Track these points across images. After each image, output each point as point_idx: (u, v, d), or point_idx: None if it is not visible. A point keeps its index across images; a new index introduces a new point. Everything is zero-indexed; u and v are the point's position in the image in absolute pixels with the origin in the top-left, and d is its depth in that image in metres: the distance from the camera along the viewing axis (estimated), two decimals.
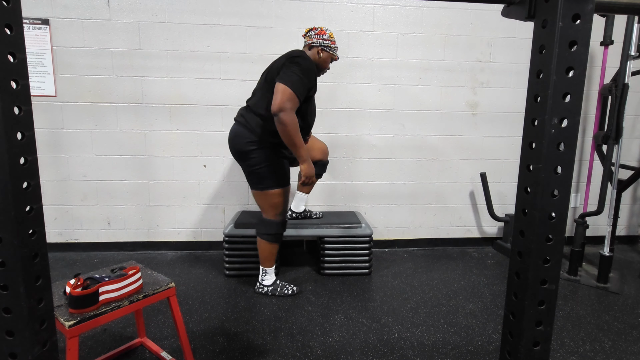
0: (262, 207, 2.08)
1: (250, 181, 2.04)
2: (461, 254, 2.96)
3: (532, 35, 0.65)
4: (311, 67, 1.89)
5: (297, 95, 1.81)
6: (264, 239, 2.11)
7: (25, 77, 0.57)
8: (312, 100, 2.05)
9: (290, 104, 1.80)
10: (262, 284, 2.21)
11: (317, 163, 2.34)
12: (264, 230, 2.10)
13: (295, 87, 1.80)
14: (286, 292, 2.19)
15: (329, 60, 2.08)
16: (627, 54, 2.23)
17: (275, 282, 2.22)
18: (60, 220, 2.80)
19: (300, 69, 1.83)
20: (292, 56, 1.88)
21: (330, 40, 2.04)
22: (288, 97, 1.79)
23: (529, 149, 0.65)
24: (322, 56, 2.05)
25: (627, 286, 2.39)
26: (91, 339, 1.74)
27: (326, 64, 2.08)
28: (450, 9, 2.80)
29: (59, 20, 2.56)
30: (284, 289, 2.20)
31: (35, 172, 0.60)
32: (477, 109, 2.95)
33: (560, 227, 0.63)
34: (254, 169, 1.98)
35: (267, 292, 2.20)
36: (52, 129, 2.67)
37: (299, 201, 2.51)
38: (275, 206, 2.06)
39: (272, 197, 2.03)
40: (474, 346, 1.74)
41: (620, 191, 2.48)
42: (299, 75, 1.82)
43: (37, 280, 0.60)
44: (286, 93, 1.79)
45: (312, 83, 1.91)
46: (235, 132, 1.99)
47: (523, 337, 0.66)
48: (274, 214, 2.08)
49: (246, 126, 1.96)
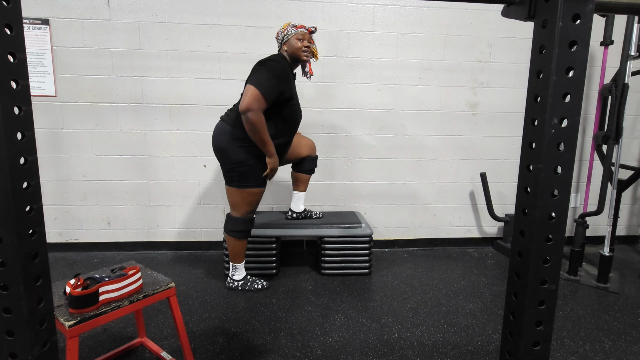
0: (234, 204, 2.11)
1: (229, 178, 2.07)
2: (461, 254, 2.96)
3: (532, 35, 0.65)
4: (280, 68, 1.93)
5: (264, 95, 1.87)
6: (233, 236, 2.15)
7: (25, 77, 0.57)
8: (294, 103, 2.07)
9: (257, 104, 1.86)
10: (233, 279, 2.26)
11: (306, 159, 2.38)
12: (232, 227, 2.13)
13: (261, 88, 1.86)
14: (256, 287, 2.25)
15: (297, 46, 2.04)
16: (627, 54, 2.23)
17: (246, 277, 2.28)
18: (60, 220, 2.80)
19: (267, 70, 1.90)
20: (263, 59, 1.96)
21: (282, 32, 2.07)
22: (255, 98, 1.85)
23: (529, 149, 0.65)
24: (288, 48, 2.06)
25: (627, 286, 2.39)
26: (91, 339, 1.74)
27: (298, 51, 2.04)
28: (450, 9, 2.80)
29: (59, 20, 2.56)
30: (253, 284, 2.26)
31: (35, 172, 0.60)
32: (477, 109, 2.95)
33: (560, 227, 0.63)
34: (236, 166, 2.02)
35: (238, 287, 2.26)
36: (52, 129, 2.67)
37: (297, 200, 2.51)
38: (249, 204, 2.10)
39: (249, 196, 2.07)
40: (474, 346, 1.74)
41: (620, 191, 2.48)
42: (266, 76, 1.88)
43: (37, 280, 0.60)
44: (253, 94, 1.86)
45: (285, 85, 1.96)
46: (219, 129, 2.04)
47: (523, 337, 0.66)
48: (244, 212, 2.12)
49: (229, 123, 2.02)
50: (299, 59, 2.06)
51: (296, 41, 2.04)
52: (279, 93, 1.94)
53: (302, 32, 2.06)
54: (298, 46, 2.04)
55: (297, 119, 2.13)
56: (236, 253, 2.20)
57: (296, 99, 2.11)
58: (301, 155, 2.35)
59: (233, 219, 2.13)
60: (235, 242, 2.17)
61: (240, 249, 2.20)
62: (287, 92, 1.98)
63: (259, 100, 1.86)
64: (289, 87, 1.99)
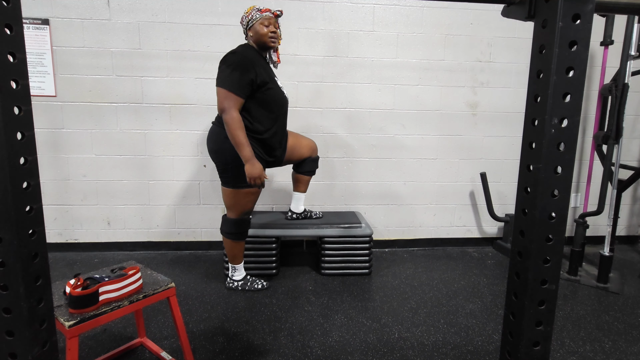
0: (229, 205, 2.09)
1: (224, 179, 2.05)
2: (461, 254, 2.96)
3: (532, 35, 0.65)
4: (240, 59, 1.87)
5: (232, 90, 1.84)
6: (229, 237, 2.14)
7: (25, 77, 0.57)
8: (272, 87, 1.99)
9: (228, 102, 1.85)
10: (233, 279, 2.26)
11: (307, 160, 2.36)
12: (227, 229, 2.12)
13: (227, 85, 1.84)
14: (256, 287, 2.25)
15: (262, 32, 1.95)
16: (627, 54, 2.23)
17: (246, 277, 2.27)
18: (60, 220, 2.80)
19: (227, 66, 1.87)
20: (224, 56, 1.92)
21: (246, 17, 1.96)
22: (224, 97, 1.85)
23: (529, 149, 0.65)
24: (253, 34, 1.96)
25: (627, 286, 2.39)
26: (91, 339, 1.74)
27: (263, 37, 1.95)
28: (450, 9, 2.79)
29: (59, 20, 2.56)
30: (253, 284, 2.26)
31: (35, 172, 0.60)
32: (477, 109, 2.95)
33: (560, 227, 0.63)
34: (230, 166, 2.00)
35: (238, 287, 2.26)
36: (52, 129, 2.67)
37: (297, 201, 2.51)
38: (243, 205, 2.08)
39: (245, 196, 2.06)
40: (474, 346, 1.74)
41: (620, 191, 2.48)
42: (227, 72, 1.86)
43: (37, 280, 0.60)
44: (220, 94, 1.86)
45: (251, 73, 1.88)
46: (211, 132, 2.04)
47: (523, 337, 0.66)
48: (239, 213, 2.10)
49: (218, 125, 2.00)
50: (266, 46, 1.98)
51: (261, 27, 1.94)
52: (249, 83, 1.88)
53: (267, 16, 1.94)
54: (263, 32, 1.94)
55: (281, 104, 2.05)
56: (234, 255, 2.19)
57: (273, 83, 2.01)
58: (303, 157, 2.33)
59: (228, 220, 2.12)
60: (232, 244, 2.16)
61: (238, 250, 2.19)
62: (257, 78, 1.90)
63: (228, 98, 1.84)
64: (258, 74, 1.91)
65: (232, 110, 1.85)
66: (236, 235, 2.13)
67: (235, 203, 2.07)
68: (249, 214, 2.15)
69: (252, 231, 2.37)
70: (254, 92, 1.94)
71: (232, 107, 1.85)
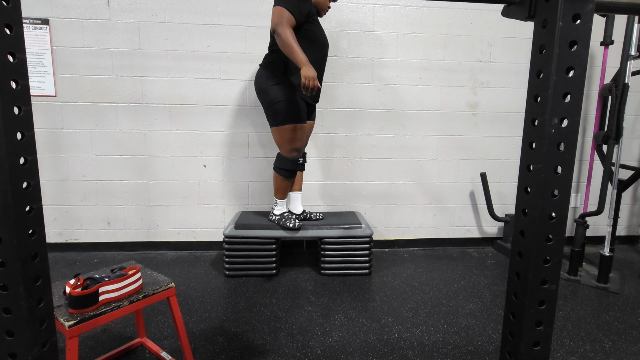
0: (279, 143, 2.25)
1: (268, 117, 2.23)
2: (461, 254, 2.96)
3: (532, 35, 0.65)
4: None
5: (289, 9, 1.96)
6: (279, 173, 2.31)
7: (25, 77, 0.57)
8: (318, 25, 2.17)
9: (283, 18, 1.96)
10: (273, 212, 2.45)
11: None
12: (279, 165, 2.29)
13: (284, 4, 1.96)
14: (288, 225, 2.38)
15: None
16: (627, 54, 2.23)
17: (283, 214, 2.42)
18: (60, 220, 2.80)
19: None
20: None
21: None
22: (280, 13, 1.96)
23: (529, 149, 0.65)
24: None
25: (627, 286, 2.39)
26: (91, 339, 1.74)
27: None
28: (450, 9, 2.80)
29: (59, 20, 2.56)
30: (287, 222, 2.38)
31: (35, 172, 0.60)
32: (477, 109, 2.95)
33: (560, 227, 0.63)
34: (270, 104, 2.16)
35: (274, 221, 2.43)
36: (52, 129, 2.67)
37: (295, 201, 2.54)
38: (289, 141, 2.21)
39: (286, 133, 2.19)
40: (474, 346, 1.74)
41: (620, 191, 2.48)
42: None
43: (37, 280, 0.60)
44: (276, 10, 1.97)
45: (308, 3, 2.06)
46: (257, 73, 2.21)
47: (523, 337, 0.66)
48: (288, 150, 2.24)
49: (265, 67, 2.17)
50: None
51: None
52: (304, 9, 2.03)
53: None
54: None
55: (323, 44, 2.20)
56: (278, 188, 2.37)
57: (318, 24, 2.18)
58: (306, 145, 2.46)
59: (281, 157, 2.28)
60: (279, 179, 2.33)
61: (282, 186, 2.35)
62: (311, 11, 2.08)
63: (284, 15, 1.95)
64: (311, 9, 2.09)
65: (285, 25, 1.96)
66: (284, 172, 2.29)
67: (281, 140, 2.22)
68: (299, 152, 2.28)
69: (253, 232, 2.38)
70: (303, 24, 2.07)
71: (285, 23, 1.96)
